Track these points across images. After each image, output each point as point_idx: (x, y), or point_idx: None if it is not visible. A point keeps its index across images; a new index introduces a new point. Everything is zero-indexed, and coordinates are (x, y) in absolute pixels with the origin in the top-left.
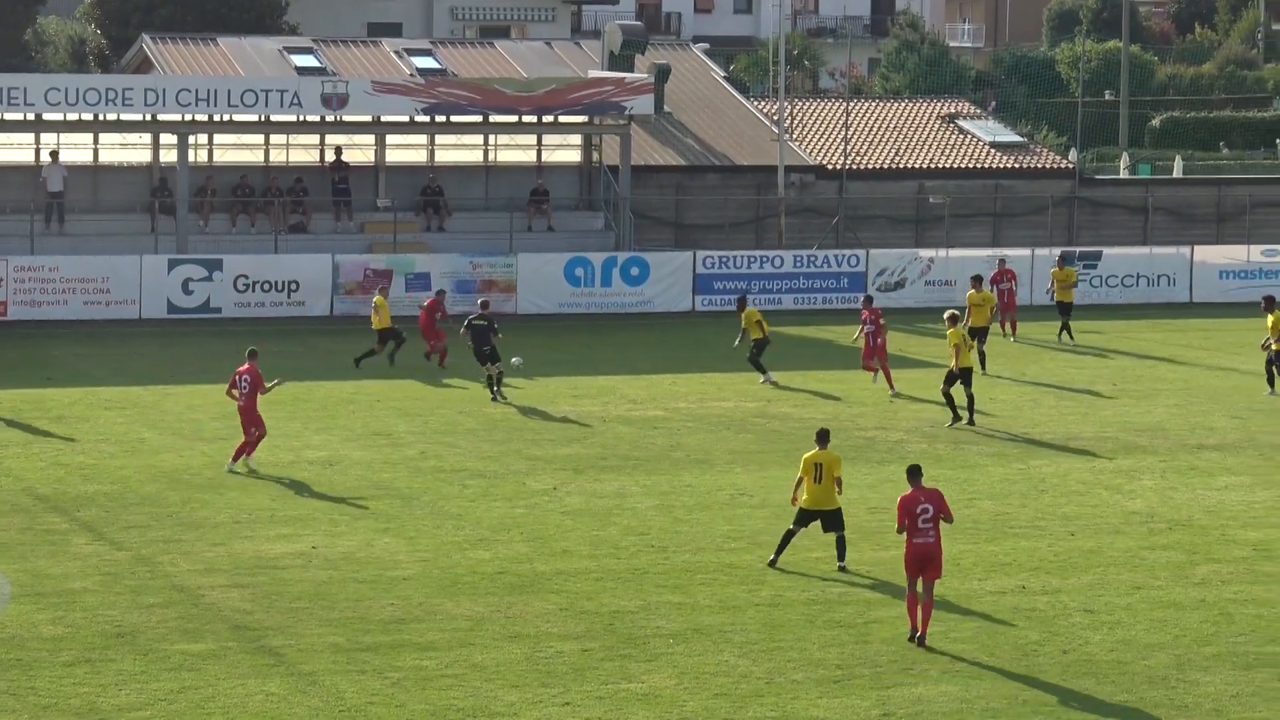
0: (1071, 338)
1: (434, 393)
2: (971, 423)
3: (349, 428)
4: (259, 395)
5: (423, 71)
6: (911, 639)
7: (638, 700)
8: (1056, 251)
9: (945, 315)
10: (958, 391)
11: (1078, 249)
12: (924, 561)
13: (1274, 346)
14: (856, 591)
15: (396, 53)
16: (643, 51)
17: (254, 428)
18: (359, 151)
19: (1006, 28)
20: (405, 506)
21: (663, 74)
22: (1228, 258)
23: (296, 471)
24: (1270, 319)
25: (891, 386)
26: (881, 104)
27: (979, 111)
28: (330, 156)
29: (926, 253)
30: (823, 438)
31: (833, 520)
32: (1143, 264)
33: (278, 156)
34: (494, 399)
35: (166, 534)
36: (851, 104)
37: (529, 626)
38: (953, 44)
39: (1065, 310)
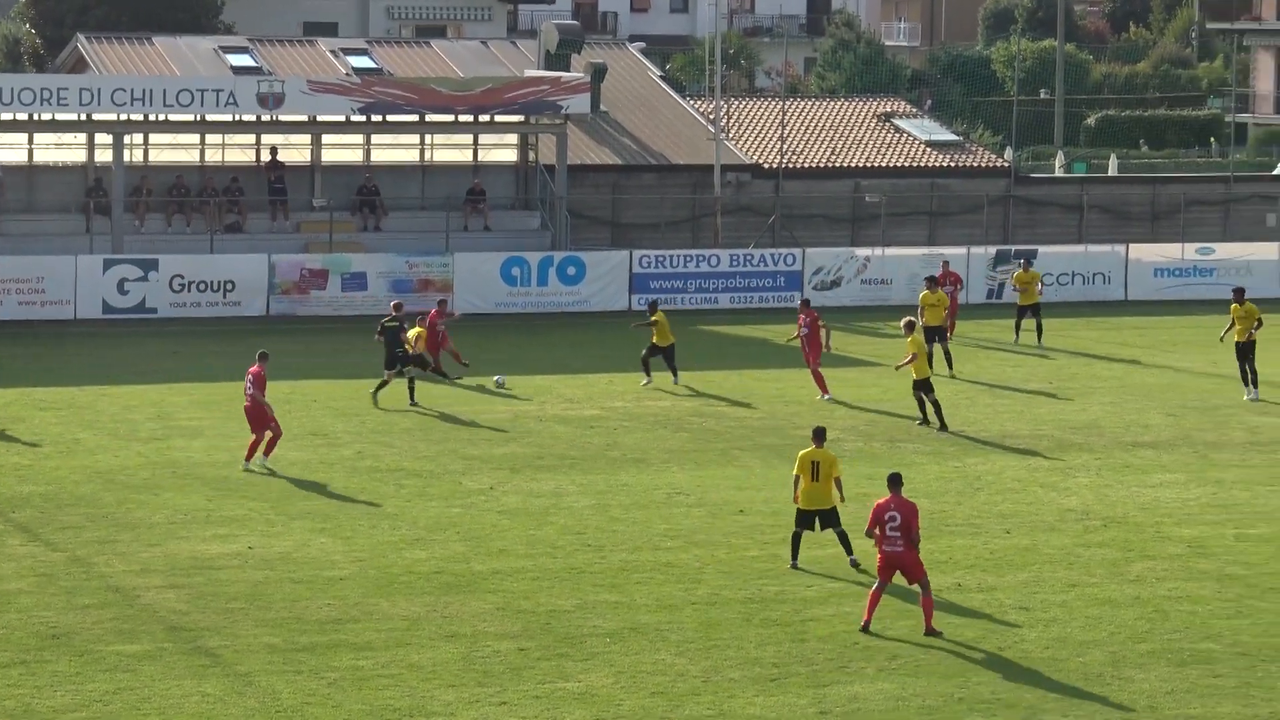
0: (1018, 336)
1: (363, 391)
2: (944, 428)
3: (285, 427)
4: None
5: (359, 71)
6: (864, 630)
7: (574, 699)
8: (991, 250)
9: (902, 323)
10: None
11: (1014, 247)
12: (894, 569)
13: (1237, 338)
14: (793, 590)
15: (332, 52)
16: (579, 51)
17: (263, 428)
18: (295, 151)
19: (942, 27)
20: (342, 506)
21: (599, 73)
22: (1162, 256)
23: (233, 471)
24: (1237, 309)
25: (824, 391)
26: (817, 103)
27: (915, 110)
28: (266, 156)
29: (863, 251)
30: (819, 436)
31: (829, 518)
32: (1078, 262)
33: (213, 156)
34: (412, 403)
35: (102, 535)
36: (788, 103)
37: (465, 626)
38: (889, 43)
39: (1024, 312)
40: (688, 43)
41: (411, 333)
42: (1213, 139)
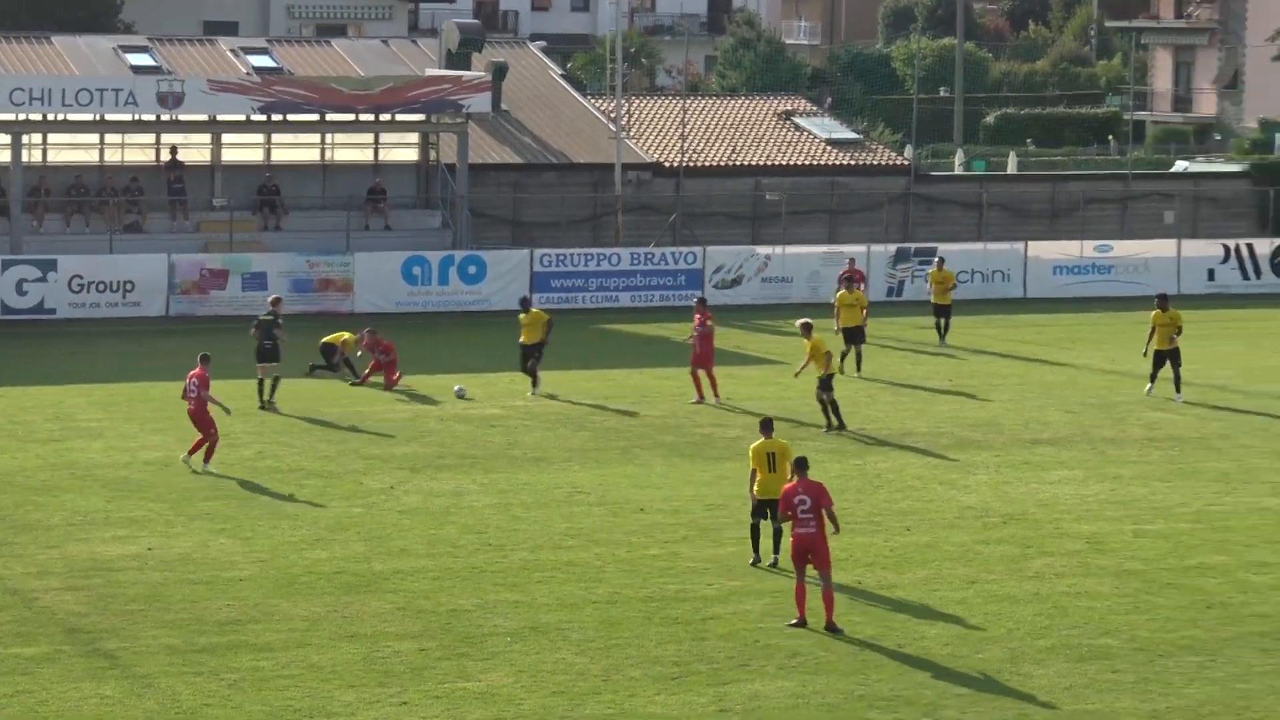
0: (943, 339)
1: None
2: (843, 427)
3: (185, 428)
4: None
5: (259, 70)
6: (799, 625)
7: (475, 699)
8: (892, 248)
9: (799, 324)
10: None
11: (913, 245)
12: (806, 551)
13: (1159, 345)
14: (693, 589)
15: (233, 51)
16: (480, 50)
17: (208, 430)
18: (195, 151)
19: (842, 26)
20: (242, 507)
21: (500, 72)
22: (1061, 254)
23: (132, 472)
24: (1159, 315)
25: (715, 395)
26: (718, 101)
27: (815, 109)
28: (166, 156)
29: (763, 250)
30: (767, 427)
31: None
32: (978, 260)
33: (113, 156)
34: (261, 405)
35: None
36: (688, 102)
37: (366, 626)
38: (789, 41)
39: (942, 312)
40: (589, 41)
41: (338, 336)
42: (1111, 137)
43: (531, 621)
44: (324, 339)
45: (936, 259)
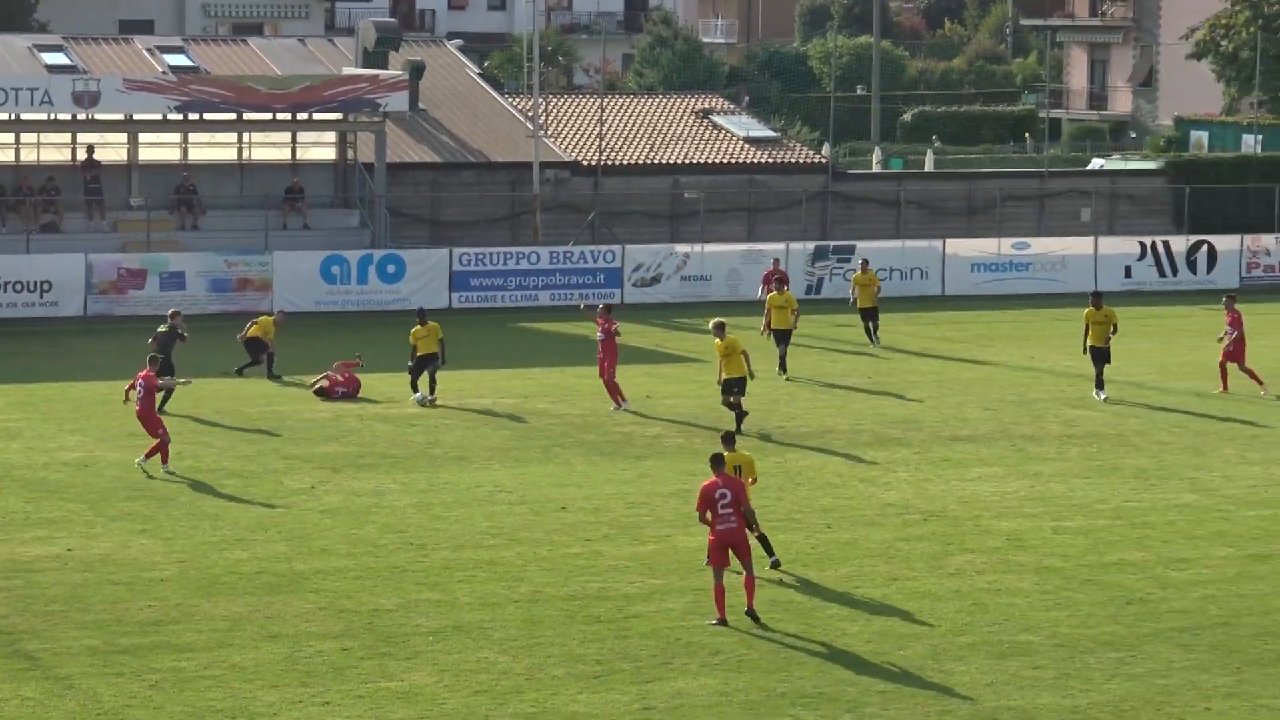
0: (875, 340)
1: (189, 392)
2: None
3: (104, 428)
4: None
5: (175, 69)
6: (721, 624)
7: (398, 698)
8: (810, 246)
9: (712, 324)
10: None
11: (832, 243)
12: (727, 547)
13: (1094, 342)
14: (616, 587)
15: (149, 50)
16: (397, 48)
17: (155, 431)
18: (112, 150)
19: (759, 24)
20: (162, 507)
21: (417, 71)
22: (979, 251)
23: (51, 473)
24: (1093, 312)
25: (618, 402)
26: (636, 100)
27: (733, 107)
28: (82, 155)
29: (682, 248)
30: (729, 440)
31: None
32: (895, 257)
33: (29, 155)
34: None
35: None
36: (606, 100)
37: (288, 626)
38: (706, 40)
39: (869, 315)
40: (506, 40)
41: (259, 325)
42: (1027, 135)
43: (454, 620)
44: (246, 334)
45: (861, 261)
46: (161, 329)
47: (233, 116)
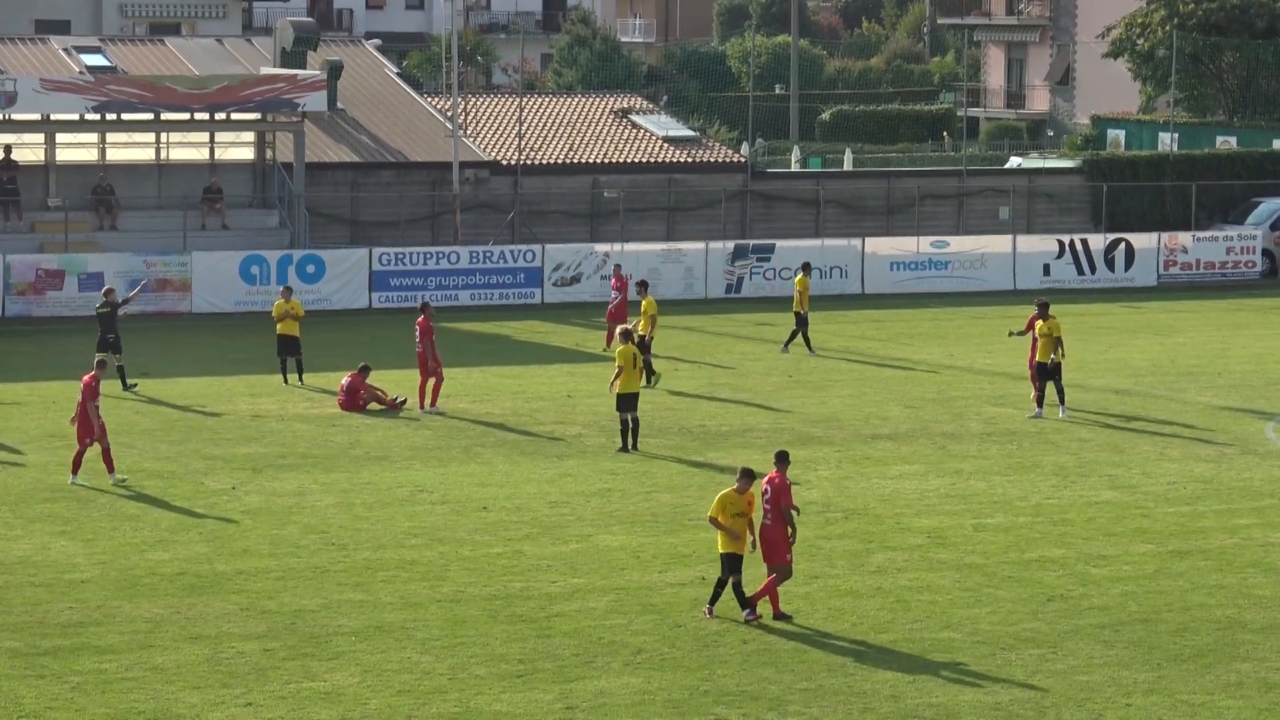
0: (786, 347)
1: (109, 390)
2: (636, 447)
3: (23, 429)
4: (94, 399)
5: (92, 69)
6: (777, 618)
7: (321, 699)
8: (730, 245)
9: (618, 330)
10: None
11: (751, 242)
12: (766, 544)
13: (1058, 358)
14: (538, 586)
15: (65, 50)
16: (315, 48)
17: (87, 436)
18: (28, 150)
19: (677, 23)
20: (82, 508)
21: (335, 70)
22: (898, 249)
23: None
24: (1041, 326)
25: (424, 404)
26: (555, 99)
27: (651, 106)
28: None
29: (602, 247)
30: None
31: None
32: (814, 256)
33: None
34: (126, 387)
35: None
36: (525, 100)
37: (210, 627)
38: (624, 39)
39: (803, 322)
40: (424, 40)
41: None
42: (945, 133)
43: (376, 621)
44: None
45: (803, 264)
46: (102, 309)
47: (150, 117)
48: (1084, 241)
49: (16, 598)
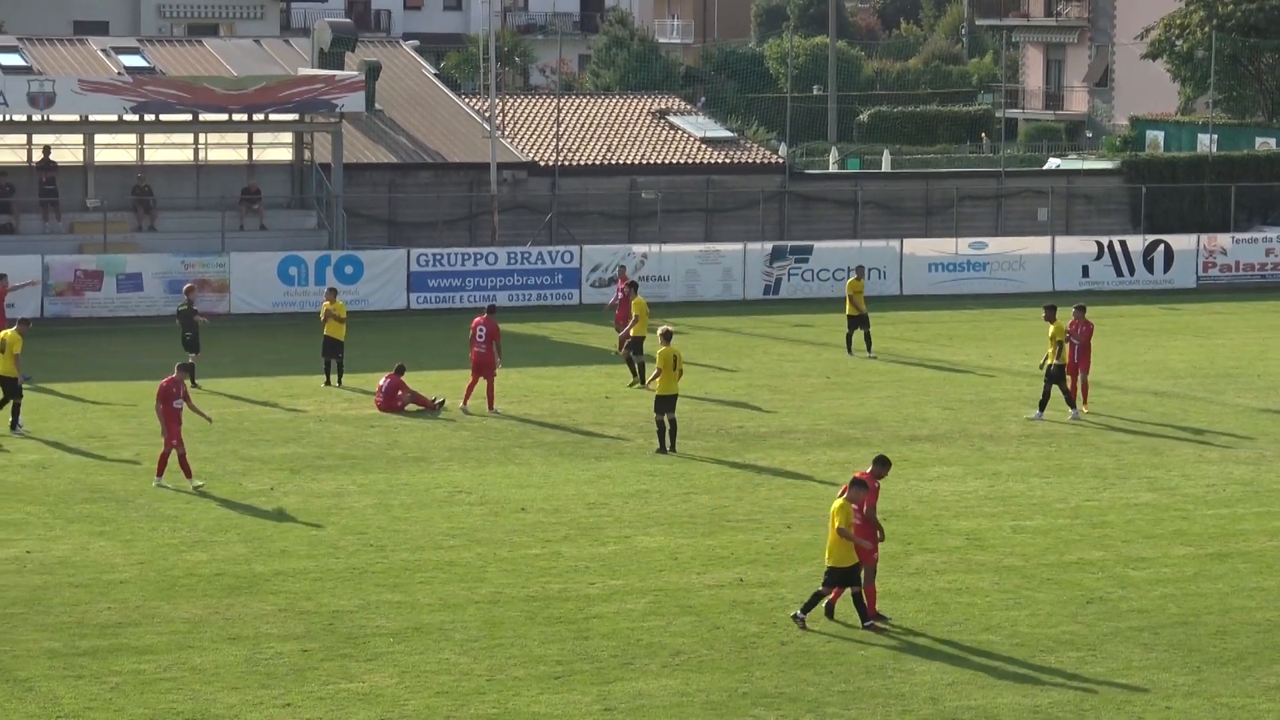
0: (869, 349)
1: (148, 392)
2: (674, 449)
3: (62, 429)
4: (171, 402)
5: (131, 70)
6: (876, 619)
7: (359, 700)
8: (768, 246)
9: (659, 331)
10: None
11: (789, 243)
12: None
13: (1051, 361)
14: (576, 588)
15: (104, 51)
16: (353, 49)
17: (172, 439)
18: (67, 151)
19: (715, 24)
20: (121, 509)
21: (373, 71)
22: (936, 250)
23: (9, 475)
24: (1050, 329)
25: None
26: (592, 100)
27: (689, 107)
28: (38, 156)
29: (640, 248)
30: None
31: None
32: (853, 257)
33: None
34: (193, 384)
35: None
36: (562, 100)
37: (248, 628)
38: (662, 40)
39: (854, 323)
40: (462, 40)
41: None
42: (984, 135)
43: (414, 622)
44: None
45: (856, 268)
46: (181, 307)
47: (188, 117)
48: (1123, 243)
49: (55, 598)
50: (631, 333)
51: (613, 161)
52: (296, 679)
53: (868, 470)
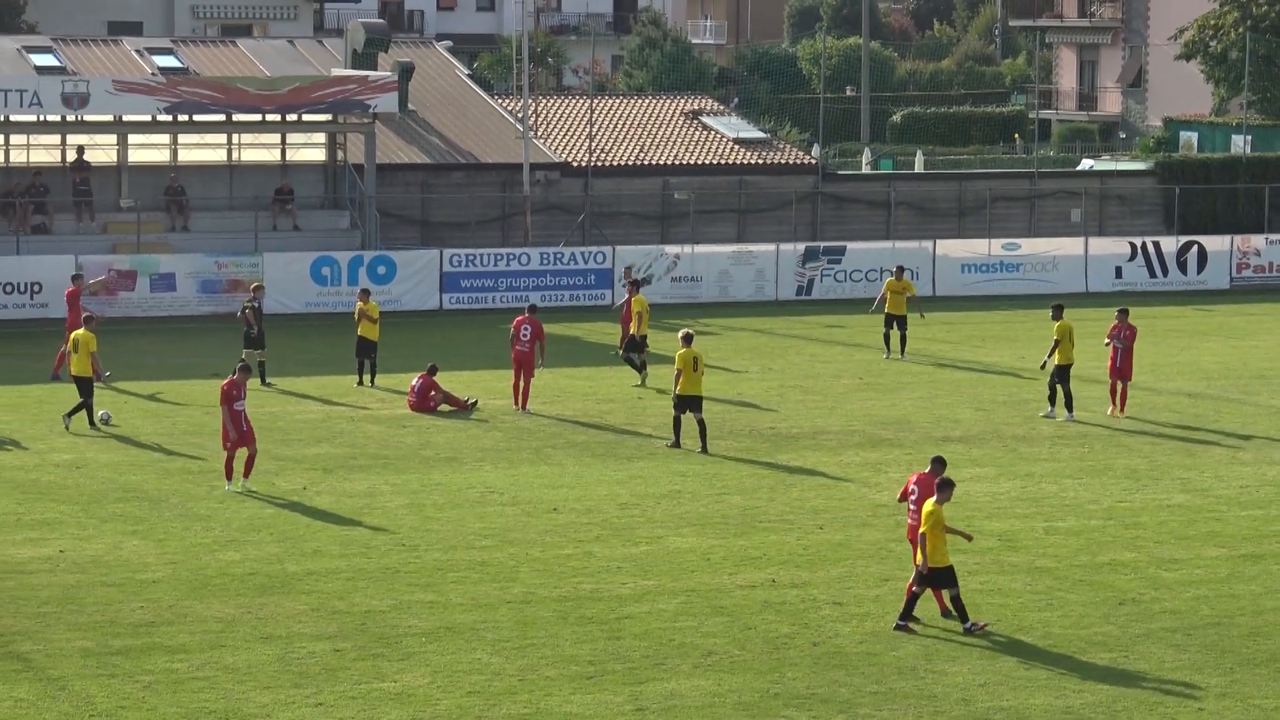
0: (903, 349)
1: (181, 391)
2: (706, 450)
3: (96, 429)
4: (233, 404)
5: (164, 70)
6: (945, 615)
7: (391, 700)
8: (800, 247)
9: (680, 335)
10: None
11: (822, 244)
12: (912, 542)
13: (1054, 360)
14: (608, 588)
15: (138, 51)
16: (386, 49)
17: (241, 441)
18: (101, 151)
19: (748, 25)
20: (154, 508)
21: (406, 72)
22: (969, 251)
23: (43, 475)
24: (1055, 326)
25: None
26: (625, 101)
27: (722, 108)
28: (72, 156)
29: (672, 249)
30: (938, 465)
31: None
32: (886, 258)
33: (18, 157)
34: (264, 382)
35: None
36: (595, 101)
37: (280, 627)
38: (695, 41)
39: (892, 322)
40: (495, 41)
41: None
42: (1017, 135)
43: (446, 622)
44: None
45: (896, 268)
46: (248, 304)
47: (222, 118)
48: (1156, 244)
49: (89, 597)
50: (632, 331)
51: (645, 162)
52: (329, 678)
53: (926, 470)
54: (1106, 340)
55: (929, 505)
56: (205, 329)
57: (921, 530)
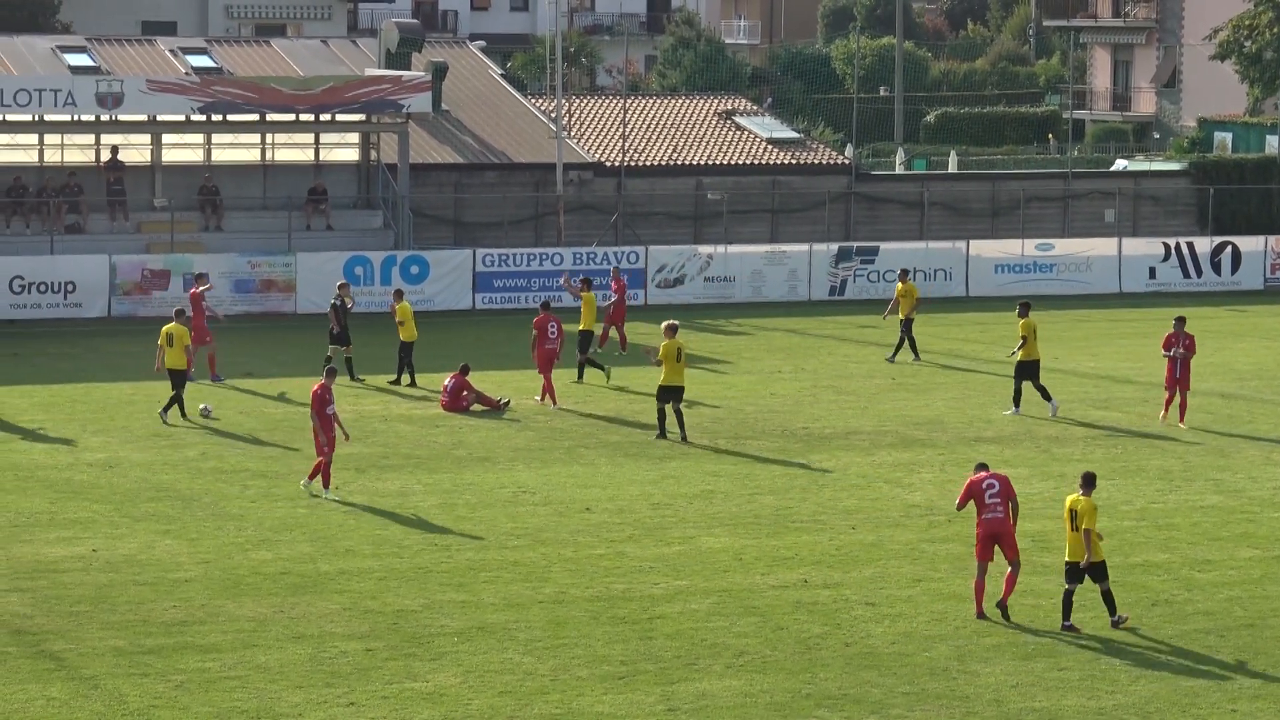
0: (895, 353)
1: (213, 393)
2: (685, 439)
3: (128, 429)
4: (325, 409)
5: (198, 70)
6: (979, 617)
7: (423, 699)
8: (833, 247)
9: (663, 326)
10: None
11: (855, 244)
12: (994, 538)
13: (1018, 355)
14: (640, 588)
15: (171, 51)
16: (419, 49)
17: (332, 445)
18: (135, 151)
19: (782, 25)
20: (186, 508)
21: (440, 72)
22: (1002, 252)
23: (76, 474)
24: (1020, 324)
25: (547, 400)
26: (659, 101)
27: (755, 108)
28: (106, 156)
29: (705, 249)
30: (1087, 482)
31: (1097, 571)
32: (919, 258)
33: (52, 156)
34: (353, 378)
35: None
36: (629, 101)
37: (313, 627)
38: (729, 41)
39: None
40: (528, 41)
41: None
42: (1050, 136)
43: (478, 621)
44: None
45: (901, 271)
46: (335, 302)
47: (256, 118)
48: (1190, 245)
49: (121, 596)
50: (581, 327)
51: (678, 162)
52: (361, 678)
53: (979, 473)
54: (1165, 351)
55: (1085, 502)
56: (238, 329)
57: (1084, 527)
